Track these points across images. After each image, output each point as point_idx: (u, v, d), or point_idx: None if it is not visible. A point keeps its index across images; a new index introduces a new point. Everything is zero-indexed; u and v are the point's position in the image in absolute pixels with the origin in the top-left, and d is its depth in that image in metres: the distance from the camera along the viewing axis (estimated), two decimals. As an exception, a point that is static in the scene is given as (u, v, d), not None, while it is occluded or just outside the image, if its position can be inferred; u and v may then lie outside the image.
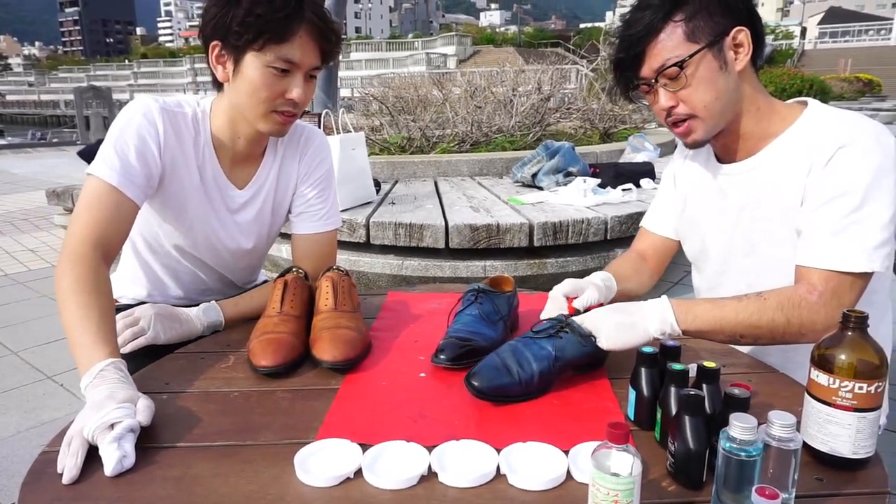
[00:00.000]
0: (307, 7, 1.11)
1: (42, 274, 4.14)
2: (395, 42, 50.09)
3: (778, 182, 1.11)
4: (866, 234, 1.00)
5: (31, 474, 0.77)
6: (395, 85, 7.02)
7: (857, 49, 41.54)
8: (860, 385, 0.74)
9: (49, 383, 2.58)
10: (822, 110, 1.10)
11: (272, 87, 1.13)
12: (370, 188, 3.38)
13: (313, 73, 1.18)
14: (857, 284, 1.02)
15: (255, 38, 1.09)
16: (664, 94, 1.10)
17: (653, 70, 1.08)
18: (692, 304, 1.04)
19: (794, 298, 1.01)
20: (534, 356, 0.95)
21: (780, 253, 1.11)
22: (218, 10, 1.11)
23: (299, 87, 1.14)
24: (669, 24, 1.05)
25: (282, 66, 1.12)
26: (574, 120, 6.13)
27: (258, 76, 1.12)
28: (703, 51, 1.05)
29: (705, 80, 1.06)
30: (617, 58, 1.12)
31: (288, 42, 1.10)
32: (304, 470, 0.75)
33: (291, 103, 1.16)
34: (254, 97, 1.15)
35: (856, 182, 1.00)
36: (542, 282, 2.94)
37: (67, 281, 1.01)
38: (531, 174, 3.80)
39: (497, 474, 0.76)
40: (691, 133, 1.12)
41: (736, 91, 1.09)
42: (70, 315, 0.98)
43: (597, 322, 1.00)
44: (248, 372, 1.04)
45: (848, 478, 0.76)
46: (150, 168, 1.16)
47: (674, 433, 0.74)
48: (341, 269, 1.25)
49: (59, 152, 12.27)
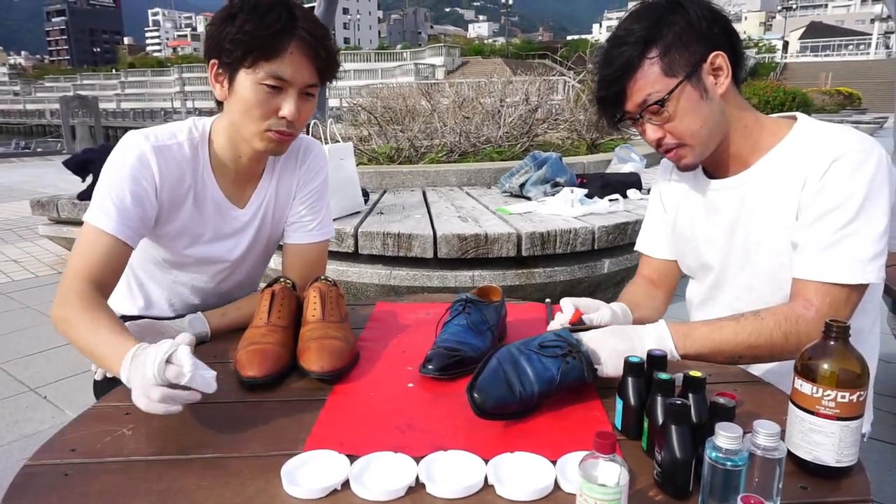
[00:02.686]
0: (300, 24, 1.11)
1: (26, 285, 4.08)
2: (384, 53, 50.32)
3: (772, 195, 1.12)
4: (861, 247, 1.01)
5: (12, 488, 0.76)
6: (383, 95, 7.03)
7: (837, 63, 42.29)
8: (842, 394, 0.74)
9: (32, 395, 2.54)
10: (813, 124, 1.12)
11: (264, 105, 1.13)
12: (358, 198, 3.37)
13: (309, 90, 1.16)
14: (852, 297, 1.03)
15: (246, 55, 1.09)
16: (650, 127, 1.11)
17: (636, 105, 1.09)
18: (690, 327, 1.05)
19: (791, 316, 1.03)
20: (537, 376, 0.91)
21: (775, 265, 1.12)
22: (215, 29, 1.12)
23: (291, 104, 1.13)
24: (645, 61, 1.06)
25: (273, 83, 1.11)
26: (561, 130, 6.17)
27: (250, 94, 1.12)
28: (682, 84, 1.06)
29: (688, 111, 1.07)
30: (598, 96, 1.13)
31: (278, 59, 1.10)
32: (291, 482, 0.75)
33: (285, 122, 1.15)
34: (247, 115, 1.14)
35: (850, 195, 1.02)
36: (529, 291, 2.95)
37: (70, 310, 1.03)
38: (519, 184, 3.82)
39: (485, 485, 0.76)
40: (683, 159, 1.14)
41: (721, 114, 1.11)
42: (84, 333, 1.00)
43: (598, 347, 0.98)
44: (235, 383, 1.03)
45: (832, 486, 0.76)
46: (146, 210, 1.16)
47: (660, 442, 0.74)
48: (329, 279, 1.25)
49: (43, 162, 12.16)
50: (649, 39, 1.06)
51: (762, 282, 1.16)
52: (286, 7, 1.11)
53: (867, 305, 1.14)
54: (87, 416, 0.93)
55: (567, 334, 0.98)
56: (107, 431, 0.88)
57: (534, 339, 0.98)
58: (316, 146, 1.40)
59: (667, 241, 1.37)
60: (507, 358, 0.94)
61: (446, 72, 38.86)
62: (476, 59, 47.39)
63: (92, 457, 0.82)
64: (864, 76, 34.18)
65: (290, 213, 1.38)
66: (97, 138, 12.17)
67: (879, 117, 18.85)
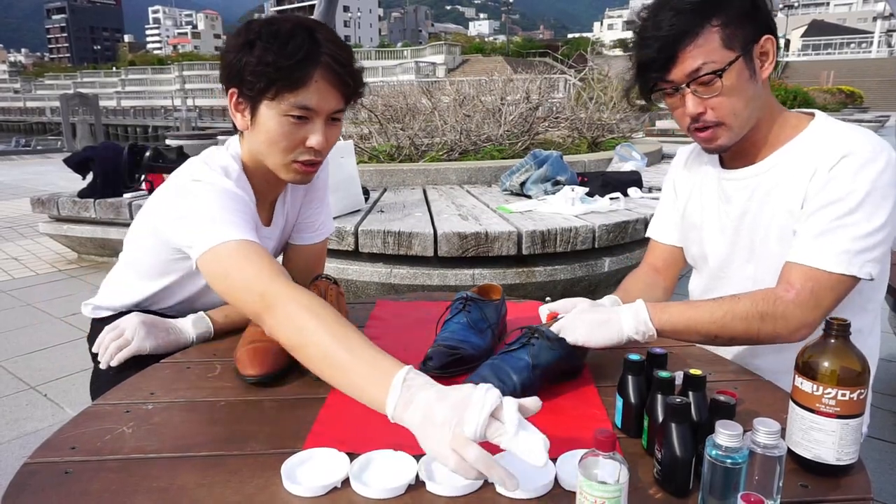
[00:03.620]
0: (324, 49, 1.04)
1: (26, 283, 4.09)
2: (385, 51, 50.26)
3: (781, 187, 1.11)
4: (853, 239, 1.01)
5: (12, 486, 0.76)
6: (384, 94, 7.02)
7: (838, 61, 42.24)
8: (843, 392, 0.74)
9: (32, 393, 2.54)
10: (830, 122, 1.12)
11: (290, 137, 1.07)
12: (359, 196, 3.37)
13: (336, 115, 1.11)
14: (836, 288, 1.02)
15: (268, 87, 1.03)
16: (693, 100, 1.07)
17: (685, 74, 1.05)
18: (667, 304, 1.06)
19: (769, 296, 1.03)
20: (512, 368, 0.95)
21: (780, 259, 1.11)
22: (233, 57, 1.06)
23: (319, 133, 1.08)
24: (707, 27, 1.02)
25: (298, 114, 1.05)
26: (562, 129, 6.16)
27: (275, 125, 1.06)
28: (739, 59, 1.04)
29: (737, 89, 1.05)
30: (645, 58, 1.07)
31: (303, 88, 1.04)
32: (291, 479, 0.75)
33: (313, 151, 1.10)
34: (273, 147, 1.09)
35: (852, 190, 1.02)
36: (530, 290, 2.95)
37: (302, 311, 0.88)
38: (519, 183, 3.82)
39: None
40: (716, 140, 1.11)
41: (761, 99, 1.10)
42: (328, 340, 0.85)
43: (568, 322, 1.01)
44: (235, 381, 1.04)
45: (832, 484, 0.76)
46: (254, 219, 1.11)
47: (660, 441, 0.74)
48: (330, 277, 1.25)
49: (44, 160, 12.16)
50: (716, 6, 1.03)
51: (767, 275, 1.14)
52: (308, 32, 1.04)
53: (868, 305, 1.14)
54: (88, 413, 0.93)
55: (529, 327, 1.02)
56: (107, 429, 0.88)
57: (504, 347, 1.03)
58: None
59: (675, 228, 1.37)
60: (485, 368, 0.98)
61: (447, 70, 38.84)
62: (477, 57, 47.34)
63: (92, 455, 0.82)
64: (865, 75, 34.14)
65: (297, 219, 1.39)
66: (97, 136, 12.18)
67: (881, 116, 18.84)
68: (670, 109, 1.13)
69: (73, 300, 3.68)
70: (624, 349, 1.15)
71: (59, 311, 3.50)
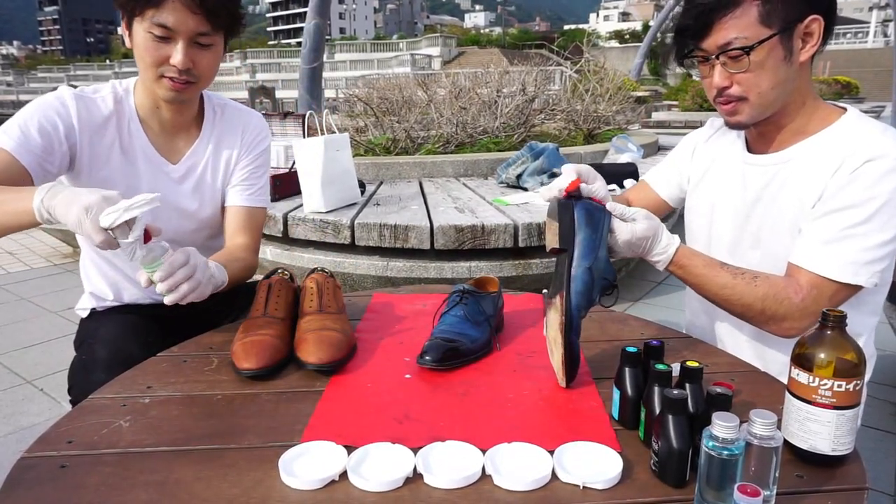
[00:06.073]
0: None
1: (20, 277, 4.07)
2: (380, 43, 49.99)
3: (799, 181, 1.10)
4: (861, 249, 1.01)
5: (9, 480, 0.76)
6: (379, 86, 6.99)
7: (835, 52, 42.16)
8: (839, 383, 0.75)
9: (28, 388, 2.53)
10: (861, 120, 1.09)
11: (153, 53, 1.16)
12: (355, 189, 3.36)
13: (201, 40, 1.17)
14: (839, 294, 1.03)
15: (135, 4, 1.13)
16: (720, 72, 1.06)
17: (716, 46, 1.04)
18: (695, 253, 1.11)
19: (780, 295, 1.04)
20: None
21: (784, 250, 1.11)
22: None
23: (179, 53, 1.15)
24: (747, 0, 1.00)
25: (158, 33, 1.14)
26: (558, 121, 6.15)
27: (140, 41, 1.16)
28: (773, 38, 1.01)
29: (767, 69, 1.03)
30: (682, 23, 1.07)
31: (162, 7, 1.12)
32: (288, 473, 0.75)
33: (176, 69, 1.17)
34: (141, 62, 1.19)
35: (870, 198, 1.00)
36: (527, 282, 2.95)
37: None
38: (516, 175, 3.81)
39: (482, 475, 0.76)
40: (736, 114, 1.10)
41: (792, 83, 1.07)
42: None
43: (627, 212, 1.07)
44: (232, 375, 1.03)
45: (828, 474, 0.77)
46: (52, 144, 1.17)
47: (657, 432, 0.74)
48: (326, 270, 1.25)
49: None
50: None
51: (770, 265, 1.13)
52: None
53: (865, 307, 1.14)
54: (84, 407, 0.93)
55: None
56: (103, 423, 0.88)
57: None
58: (256, 118, 1.45)
59: (673, 186, 1.40)
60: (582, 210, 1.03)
61: (443, 62, 38.68)
62: (472, 49, 47.14)
63: (89, 449, 0.82)
64: (862, 65, 34.11)
65: (232, 176, 1.41)
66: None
67: (877, 106, 18.84)
68: (700, 77, 1.13)
69: (68, 294, 3.67)
70: (621, 341, 1.16)
71: (54, 306, 3.49)
